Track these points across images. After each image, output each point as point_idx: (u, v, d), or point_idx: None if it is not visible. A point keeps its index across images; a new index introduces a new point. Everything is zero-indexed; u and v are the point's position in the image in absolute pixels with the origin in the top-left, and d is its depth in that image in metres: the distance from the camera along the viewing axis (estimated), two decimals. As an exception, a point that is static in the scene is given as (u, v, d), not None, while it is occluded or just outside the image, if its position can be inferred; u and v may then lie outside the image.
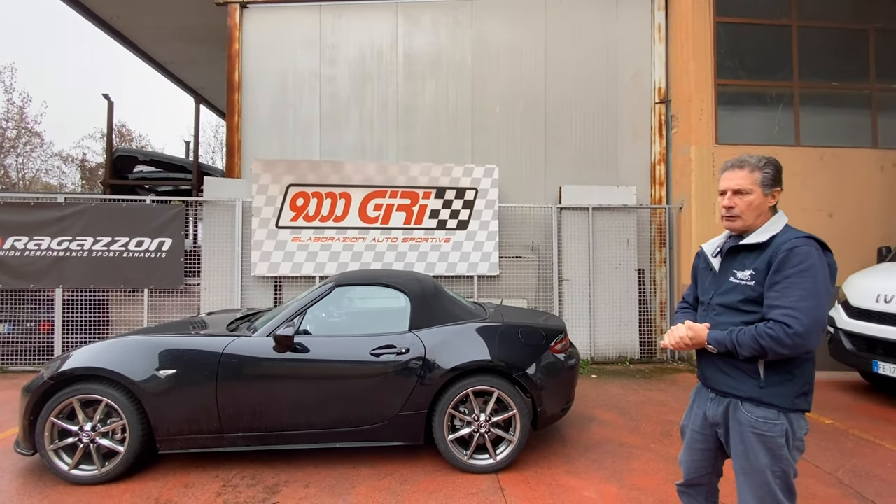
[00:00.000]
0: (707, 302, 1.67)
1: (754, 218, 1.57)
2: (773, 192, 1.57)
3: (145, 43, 7.78)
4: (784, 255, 1.45)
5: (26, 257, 5.36)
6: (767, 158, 1.58)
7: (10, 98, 17.16)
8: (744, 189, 1.56)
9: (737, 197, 1.57)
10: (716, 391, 1.62)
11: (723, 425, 1.60)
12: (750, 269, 1.53)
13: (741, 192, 1.57)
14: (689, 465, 1.76)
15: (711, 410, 1.63)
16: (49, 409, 2.74)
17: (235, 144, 6.05)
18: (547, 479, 2.85)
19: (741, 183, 1.56)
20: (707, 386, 1.67)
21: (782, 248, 1.46)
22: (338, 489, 2.73)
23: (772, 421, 1.48)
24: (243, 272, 5.62)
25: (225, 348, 2.87)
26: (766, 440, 1.47)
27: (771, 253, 1.49)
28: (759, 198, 1.55)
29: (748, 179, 1.56)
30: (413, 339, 2.98)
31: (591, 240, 5.95)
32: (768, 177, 1.56)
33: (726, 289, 1.59)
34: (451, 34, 6.31)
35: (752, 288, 1.51)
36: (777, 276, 1.45)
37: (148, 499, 2.62)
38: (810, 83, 6.22)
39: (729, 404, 1.57)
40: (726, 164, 1.64)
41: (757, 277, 1.50)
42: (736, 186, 1.57)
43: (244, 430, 2.85)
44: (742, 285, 1.54)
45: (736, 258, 1.60)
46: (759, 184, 1.55)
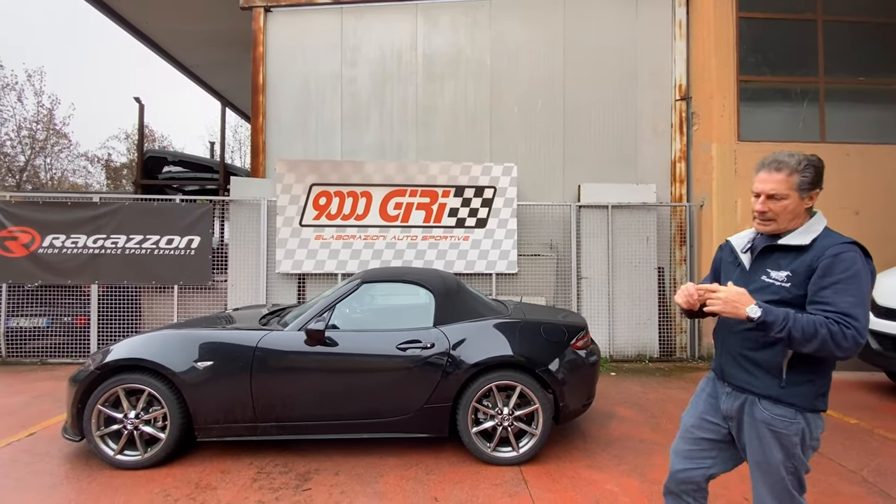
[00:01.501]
0: None
1: (789, 221, 1.49)
2: (811, 195, 1.48)
3: (172, 47, 8.03)
4: (829, 260, 1.38)
5: (63, 254, 5.61)
6: (808, 159, 1.47)
7: (40, 101, 17.81)
8: (779, 194, 1.47)
9: (771, 202, 1.49)
10: (733, 386, 1.58)
11: (736, 420, 1.57)
12: (786, 271, 1.46)
13: (776, 197, 1.48)
14: (686, 455, 1.69)
15: (726, 404, 1.60)
16: (96, 397, 2.91)
17: (260, 145, 6.22)
18: (569, 473, 2.91)
19: (777, 188, 1.47)
20: (724, 380, 1.63)
21: (827, 253, 1.39)
22: (366, 477, 2.84)
23: (789, 420, 1.45)
24: (268, 269, 5.78)
25: (259, 342, 3.00)
26: (782, 437, 1.46)
27: (813, 257, 1.41)
28: (796, 202, 1.47)
29: (785, 184, 1.46)
30: (438, 335, 3.07)
31: (610, 238, 5.96)
32: (807, 181, 1.46)
33: (757, 287, 1.52)
34: (470, 34, 6.37)
35: (788, 290, 1.45)
36: (824, 282, 1.38)
37: (189, 483, 2.77)
38: (836, 79, 6.11)
39: (745, 400, 1.54)
40: (763, 163, 1.54)
41: (794, 280, 1.44)
42: (771, 191, 1.48)
43: (277, 419, 2.98)
44: (776, 286, 1.47)
45: (770, 257, 1.53)
46: (796, 188, 1.46)
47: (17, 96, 17.23)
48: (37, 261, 5.58)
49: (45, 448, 3.24)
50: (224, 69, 8.54)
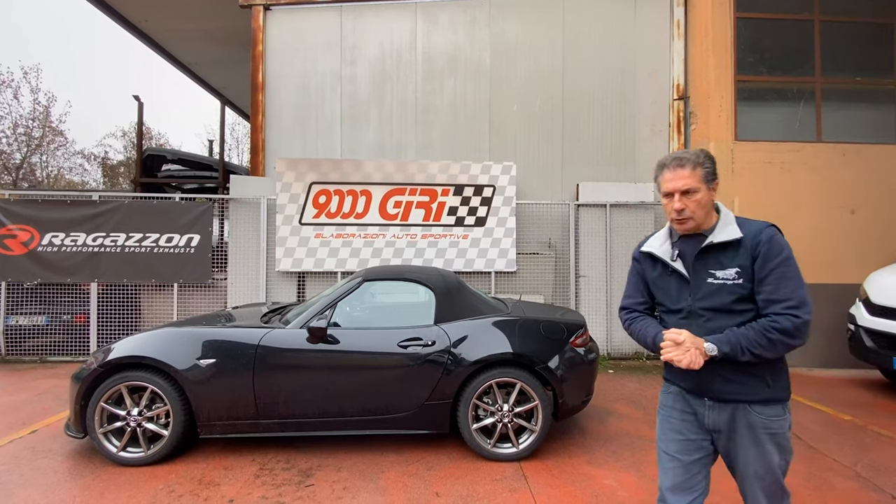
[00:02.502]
0: (685, 309, 1.53)
1: (704, 216, 1.50)
2: (714, 186, 1.51)
3: (171, 45, 8.01)
4: (766, 247, 1.40)
5: (63, 252, 5.61)
6: (704, 152, 1.51)
7: (36, 98, 17.71)
8: (692, 188, 1.47)
9: (686, 198, 1.48)
10: (717, 399, 1.50)
11: (725, 432, 1.50)
12: (734, 267, 1.44)
13: (689, 192, 1.48)
14: (684, 487, 1.56)
15: (712, 418, 1.52)
16: (99, 394, 2.93)
17: (259, 144, 6.23)
18: (568, 468, 2.95)
19: (688, 183, 1.47)
20: (703, 396, 1.53)
21: (762, 239, 1.42)
22: (368, 473, 2.87)
23: (781, 416, 1.46)
24: (268, 267, 5.80)
25: (261, 339, 3.03)
26: (778, 437, 1.45)
27: (751, 246, 1.43)
28: (706, 195, 1.48)
29: (694, 178, 1.47)
30: (438, 332, 3.10)
31: (608, 236, 6.00)
32: (710, 171, 1.49)
33: (708, 292, 1.48)
34: (469, 33, 6.39)
35: (742, 286, 1.43)
36: (765, 270, 1.40)
37: (192, 479, 2.79)
38: (833, 78, 6.15)
39: (735, 410, 1.48)
40: (664, 162, 1.54)
41: (745, 274, 1.43)
42: (684, 187, 1.47)
43: (279, 416, 3.01)
44: (730, 285, 1.44)
45: (708, 258, 1.49)
46: (703, 180, 1.48)
47: (14, 93, 17.13)
48: (36, 259, 5.58)
49: (47, 445, 3.26)
50: (223, 67, 8.53)
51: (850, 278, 5.57)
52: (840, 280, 5.68)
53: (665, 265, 1.59)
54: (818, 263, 5.76)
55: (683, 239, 1.56)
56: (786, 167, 5.86)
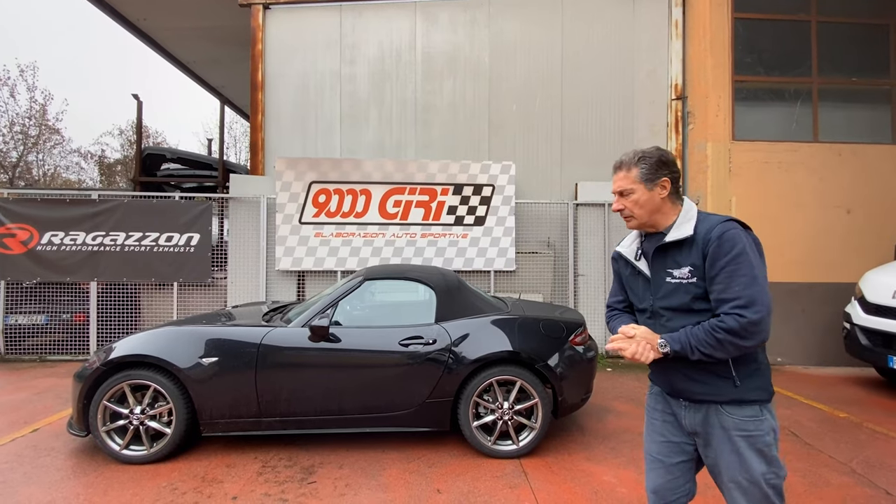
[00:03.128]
0: (649, 309, 1.53)
1: (650, 214, 1.49)
2: (659, 184, 1.47)
3: (170, 44, 8.00)
4: (715, 244, 1.36)
5: (62, 251, 5.61)
6: (642, 152, 1.50)
7: (33, 96, 17.62)
8: (625, 190, 1.51)
9: (624, 199, 1.52)
10: (690, 399, 1.48)
11: (703, 435, 1.46)
12: (687, 266, 1.42)
13: (625, 193, 1.51)
14: (667, 488, 1.55)
15: (688, 418, 1.49)
16: (102, 393, 2.94)
17: (259, 143, 6.23)
18: (567, 465, 2.98)
19: (622, 184, 1.52)
20: (677, 397, 1.51)
21: (711, 237, 1.37)
22: (370, 470, 2.90)
23: (757, 418, 1.39)
24: (267, 266, 5.81)
25: (263, 338, 3.05)
26: (756, 441, 1.38)
27: (702, 244, 1.39)
28: (645, 194, 1.48)
29: (627, 179, 1.50)
30: (439, 331, 3.12)
31: (606, 235, 6.03)
32: (645, 171, 1.48)
33: (667, 291, 1.47)
34: (469, 33, 6.40)
35: (697, 285, 1.40)
36: (714, 268, 1.36)
37: (195, 477, 2.81)
38: (829, 79, 6.20)
39: (708, 410, 1.44)
40: (613, 166, 1.59)
41: (698, 273, 1.40)
42: (617, 188, 1.53)
43: (281, 414, 3.03)
44: (685, 283, 1.42)
45: (666, 257, 1.48)
46: (639, 180, 1.48)
47: (10, 91, 17.04)
48: (35, 258, 5.57)
49: (49, 443, 3.27)
50: (221, 66, 8.52)
51: (845, 277, 5.62)
52: (836, 279, 5.74)
53: (631, 264, 1.61)
54: (814, 262, 5.82)
55: (647, 238, 1.56)
56: (783, 167, 5.91)
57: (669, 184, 1.48)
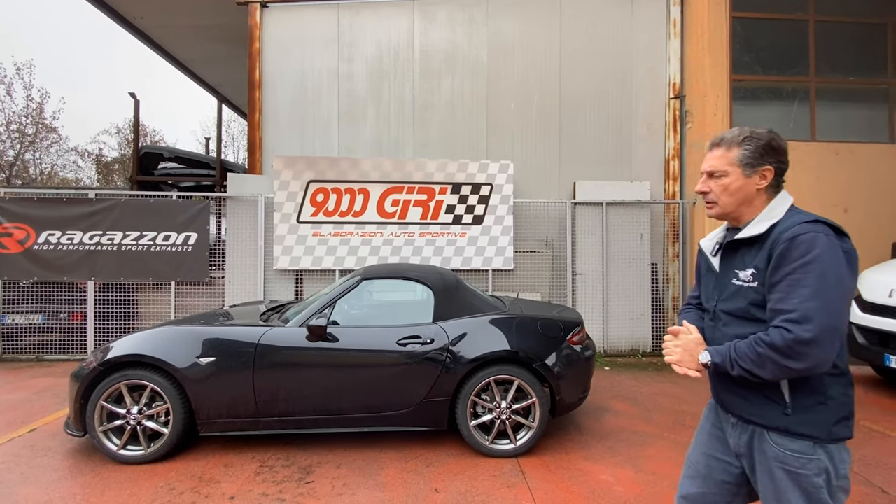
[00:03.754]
0: (712, 310, 1.39)
1: (737, 204, 1.32)
2: (760, 172, 1.28)
3: (167, 42, 7.97)
4: (784, 246, 1.18)
5: (59, 251, 5.59)
6: (752, 131, 1.31)
7: (30, 94, 17.55)
8: (717, 171, 1.32)
9: (712, 181, 1.34)
10: (736, 416, 1.34)
11: (747, 457, 1.31)
12: (751, 268, 1.26)
13: (715, 175, 1.33)
14: (699, 498, 1.43)
15: (734, 438, 1.35)
16: (99, 393, 2.93)
17: (257, 141, 6.22)
18: (565, 464, 2.99)
19: (715, 164, 1.32)
20: (726, 410, 1.38)
21: (782, 237, 1.19)
22: (367, 470, 2.90)
23: (806, 456, 1.19)
24: (265, 266, 5.80)
25: (261, 338, 3.04)
26: (800, 479, 1.19)
27: (771, 245, 1.22)
28: (739, 180, 1.29)
29: (723, 159, 1.31)
30: (437, 330, 3.12)
31: (604, 234, 6.04)
32: (748, 154, 1.28)
33: (730, 293, 1.32)
34: (467, 31, 6.39)
35: (756, 290, 1.24)
36: (777, 275, 1.18)
37: (192, 477, 2.81)
38: (827, 78, 6.22)
39: (753, 433, 1.29)
40: (709, 142, 1.40)
41: (759, 277, 1.23)
42: (708, 168, 1.34)
43: (279, 414, 3.03)
44: (745, 287, 1.26)
45: (737, 254, 1.33)
46: (737, 163, 1.29)
47: (6, 90, 16.96)
48: (32, 257, 5.55)
49: (47, 443, 3.27)
50: (219, 64, 8.49)
51: (842, 276, 5.63)
52: (833, 278, 5.74)
53: (708, 259, 1.45)
54: (812, 261, 5.82)
55: (729, 233, 1.38)
56: (780, 166, 5.92)
57: (772, 174, 1.29)
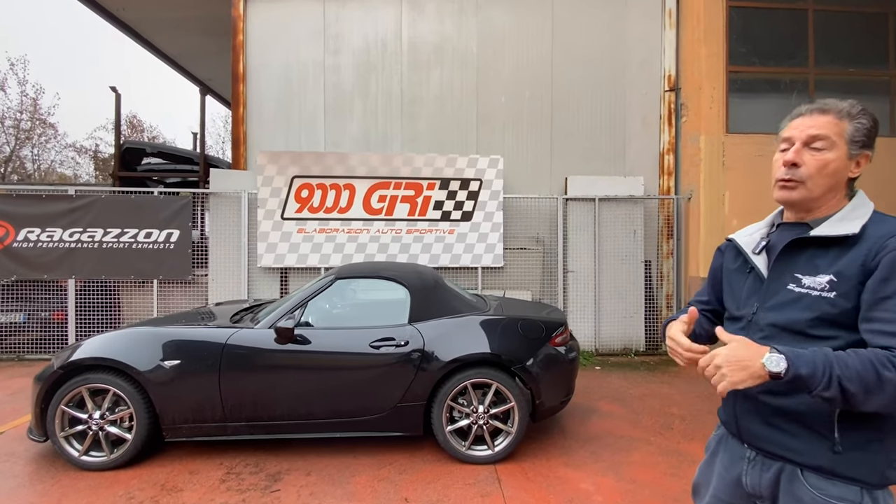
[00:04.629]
0: (748, 318, 1.14)
1: (826, 189, 1.06)
2: (860, 157, 1.06)
3: (151, 34, 7.80)
4: (893, 256, 0.95)
5: (39, 248, 5.48)
6: (862, 106, 1.07)
7: (24, 90, 17.41)
8: (821, 138, 1.04)
9: (808, 152, 1.05)
10: (759, 450, 1.09)
11: (769, 499, 1.08)
12: (828, 274, 1.01)
13: (817, 144, 1.05)
14: None
15: (752, 476, 1.10)
16: (59, 397, 2.83)
17: (241, 136, 6.08)
18: (544, 471, 2.87)
19: (818, 131, 1.05)
20: (746, 442, 1.12)
21: (890, 244, 0.96)
22: (338, 478, 2.78)
23: (850, 502, 0.99)
24: (249, 263, 5.68)
25: (228, 339, 2.92)
26: None
27: (868, 251, 0.99)
28: (842, 160, 1.05)
29: (830, 127, 1.04)
30: (412, 332, 3.00)
31: (597, 231, 5.89)
32: (861, 131, 1.04)
33: (783, 301, 1.07)
34: (456, 22, 6.22)
35: (832, 302, 0.99)
36: (885, 288, 0.95)
37: (155, 485, 2.70)
38: (826, 69, 6.03)
39: (782, 471, 1.05)
40: (799, 110, 1.13)
41: (840, 286, 0.99)
42: (813, 132, 1.05)
43: (247, 419, 2.91)
44: (813, 297, 1.02)
45: (800, 256, 1.08)
46: (847, 139, 1.04)
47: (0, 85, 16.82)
48: (11, 255, 5.44)
49: (11, 448, 3.17)
50: (206, 58, 8.32)
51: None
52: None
53: (744, 257, 1.21)
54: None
55: (783, 228, 1.16)
56: (777, 160, 5.76)
57: (866, 164, 1.08)
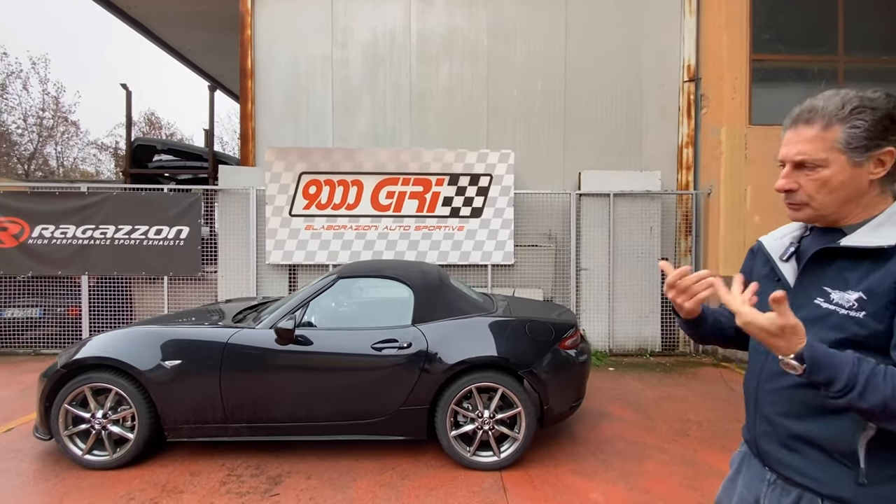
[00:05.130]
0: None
1: (840, 203, 0.94)
2: (877, 157, 0.91)
3: (162, 31, 7.83)
4: None
5: (53, 245, 5.55)
6: (860, 98, 0.93)
7: (45, 88, 17.81)
8: (810, 160, 0.93)
9: (799, 174, 0.96)
10: (779, 474, 1.01)
11: None
12: (858, 290, 0.89)
13: (806, 166, 0.94)
14: None
15: (770, 500, 1.02)
16: (63, 396, 2.82)
17: (249, 132, 6.05)
18: (552, 479, 2.76)
19: (806, 150, 0.94)
20: (766, 464, 1.05)
21: None
22: (339, 482, 2.72)
23: None
24: (258, 260, 5.66)
25: (229, 339, 2.87)
26: None
27: None
28: (844, 171, 0.92)
29: (818, 143, 0.92)
30: (416, 334, 2.91)
31: (611, 228, 5.71)
32: (859, 133, 0.90)
33: (809, 317, 0.93)
34: (466, 13, 6.07)
35: (861, 322, 0.88)
36: None
37: (155, 485, 2.68)
38: (856, 57, 5.71)
39: (801, 499, 0.97)
40: (790, 115, 1.00)
41: (871, 305, 0.87)
42: (797, 156, 0.95)
43: (248, 420, 2.87)
44: (842, 316, 0.90)
45: (829, 268, 0.96)
46: (841, 148, 0.91)
47: (23, 84, 17.24)
48: (27, 251, 5.53)
49: (18, 445, 3.19)
50: (216, 54, 8.33)
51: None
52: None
53: (772, 264, 1.08)
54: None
55: (814, 234, 1.03)
56: (803, 153, 5.47)
57: (893, 159, 0.91)
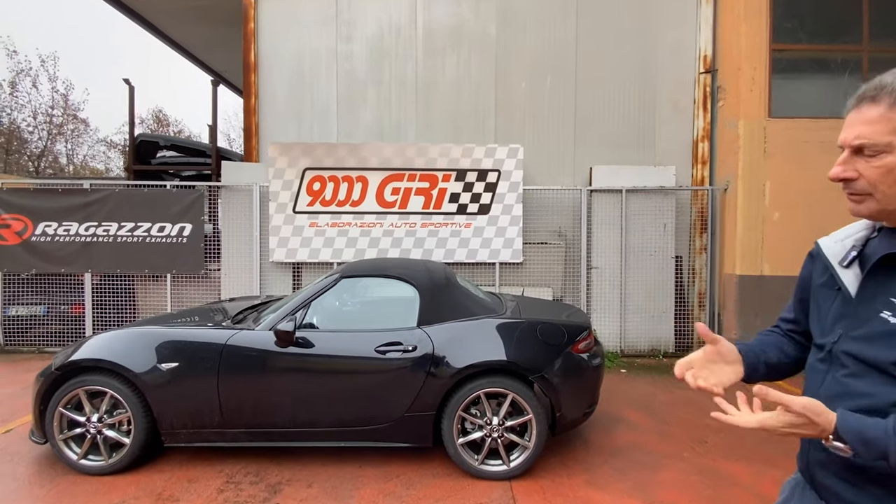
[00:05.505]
0: (828, 346, 0.92)
1: None
2: None
3: (165, 25, 7.73)
4: None
5: (56, 242, 5.50)
6: None
7: (55, 86, 17.87)
8: (871, 144, 0.82)
9: (860, 160, 0.85)
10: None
11: None
12: None
13: (865, 152, 0.83)
14: None
15: None
16: (57, 399, 2.73)
17: (253, 127, 5.95)
18: (564, 490, 2.62)
19: (868, 133, 0.82)
20: (816, 490, 0.97)
21: None
22: (340, 491, 2.61)
23: None
24: (261, 258, 5.57)
25: (227, 341, 2.77)
26: None
27: None
28: None
29: (883, 125, 0.81)
30: (421, 336, 2.78)
31: (623, 224, 5.53)
32: None
33: (873, 332, 0.83)
34: (474, 4, 5.89)
35: None
36: None
37: (151, 493, 2.58)
38: (883, 46, 5.45)
39: None
40: (855, 94, 0.89)
41: None
42: (857, 140, 0.84)
43: (247, 425, 2.77)
44: None
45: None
46: None
47: (32, 82, 17.32)
48: (30, 249, 5.48)
49: (16, 447, 3.11)
50: (220, 48, 8.21)
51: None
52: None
53: (831, 270, 0.96)
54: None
55: (883, 235, 0.90)
56: (825, 146, 5.24)
57: None
